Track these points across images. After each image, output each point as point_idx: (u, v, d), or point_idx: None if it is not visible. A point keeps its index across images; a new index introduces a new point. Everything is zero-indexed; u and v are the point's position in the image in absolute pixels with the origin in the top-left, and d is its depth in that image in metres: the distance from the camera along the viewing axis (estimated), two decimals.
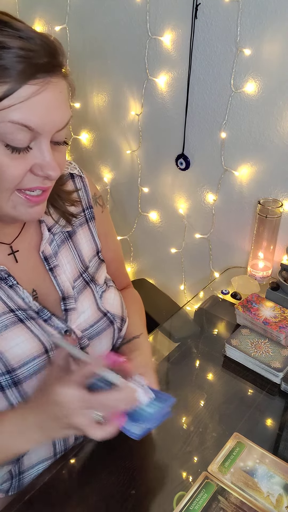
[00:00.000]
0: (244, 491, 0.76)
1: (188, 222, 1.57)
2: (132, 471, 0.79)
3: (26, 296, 0.75)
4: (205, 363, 1.06)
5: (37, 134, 0.61)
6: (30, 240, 0.80)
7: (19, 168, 0.62)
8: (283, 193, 1.28)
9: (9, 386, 0.70)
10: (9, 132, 0.59)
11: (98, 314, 0.84)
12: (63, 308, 0.80)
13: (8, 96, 0.57)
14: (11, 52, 0.57)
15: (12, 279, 0.74)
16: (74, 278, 0.84)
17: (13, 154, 0.61)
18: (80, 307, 0.82)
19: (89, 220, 0.90)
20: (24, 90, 0.58)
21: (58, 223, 0.83)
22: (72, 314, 0.80)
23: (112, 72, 1.54)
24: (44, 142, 0.62)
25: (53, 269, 0.81)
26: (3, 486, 0.78)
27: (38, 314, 0.76)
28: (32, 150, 0.62)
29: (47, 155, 0.63)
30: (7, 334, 0.71)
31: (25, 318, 0.73)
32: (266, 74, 1.18)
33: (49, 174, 0.64)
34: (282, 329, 1.05)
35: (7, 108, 0.58)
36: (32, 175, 0.64)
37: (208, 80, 1.29)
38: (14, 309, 0.73)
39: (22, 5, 1.70)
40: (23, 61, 0.57)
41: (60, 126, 0.63)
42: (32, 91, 0.58)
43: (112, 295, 0.89)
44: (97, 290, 0.86)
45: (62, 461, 0.80)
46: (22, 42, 0.58)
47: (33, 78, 0.58)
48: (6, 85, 0.57)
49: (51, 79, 0.60)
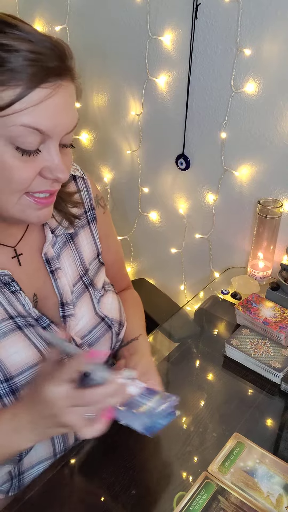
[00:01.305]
0: (244, 491, 0.76)
1: (188, 222, 1.57)
2: (132, 471, 0.79)
3: (26, 303, 0.74)
4: (205, 363, 1.06)
5: (46, 137, 0.61)
6: (33, 243, 0.80)
7: (29, 171, 0.62)
8: (283, 193, 1.28)
9: (7, 394, 0.70)
10: (20, 135, 0.59)
11: (96, 319, 0.84)
12: (61, 314, 0.80)
13: (20, 99, 0.57)
14: (21, 55, 0.57)
15: (16, 284, 0.74)
16: (74, 282, 0.84)
17: (23, 157, 0.61)
18: (79, 313, 0.82)
19: (91, 222, 0.90)
20: (36, 94, 0.58)
21: (61, 225, 0.83)
22: (71, 321, 0.80)
23: (112, 72, 1.54)
24: (53, 145, 0.63)
25: (54, 272, 0.80)
26: (3, 487, 0.78)
27: (37, 321, 0.76)
28: (42, 153, 0.62)
29: (56, 158, 0.63)
30: (5, 341, 0.71)
31: (23, 325, 0.73)
32: (266, 74, 1.18)
33: (58, 177, 0.64)
34: (282, 329, 1.05)
35: (19, 112, 0.58)
36: (41, 178, 0.64)
37: (208, 80, 1.29)
38: (13, 315, 0.73)
39: (22, 5, 1.69)
40: (34, 64, 0.57)
41: (69, 129, 0.64)
42: (44, 94, 0.58)
43: (110, 300, 0.89)
44: (95, 294, 0.86)
45: (62, 461, 0.80)
46: (31, 45, 0.57)
47: (45, 82, 0.58)
48: (18, 88, 0.57)
49: (62, 83, 0.60)
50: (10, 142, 0.59)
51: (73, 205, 0.84)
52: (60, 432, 0.66)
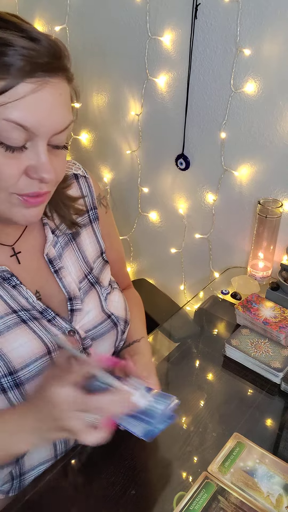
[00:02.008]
0: (244, 491, 0.76)
1: (188, 222, 1.57)
2: (132, 471, 0.79)
3: (29, 296, 0.74)
4: (205, 363, 1.06)
5: (33, 135, 0.60)
6: (33, 242, 0.80)
7: (13, 168, 0.61)
8: (283, 193, 1.28)
9: (11, 388, 0.70)
10: (4, 130, 0.58)
11: (103, 316, 0.84)
12: (69, 308, 0.80)
13: (4, 92, 0.57)
14: (15, 50, 0.57)
15: (15, 278, 0.74)
16: (80, 280, 0.84)
17: (7, 152, 0.60)
18: (86, 308, 0.82)
19: (93, 221, 0.90)
20: (21, 88, 0.57)
21: (59, 228, 0.83)
22: (78, 315, 0.80)
23: (112, 72, 1.54)
24: (41, 144, 0.61)
25: (58, 271, 0.80)
26: (3, 487, 0.78)
27: (42, 314, 0.75)
28: (27, 150, 0.61)
29: (42, 157, 0.62)
30: (10, 335, 0.71)
31: (28, 318, 0.73)
32: (266, 74, 1.18)
33: (42, 177, 0.63)
34: (282, 329, 1.05)
35: (3, 105, 0.57)
36: (27, 178, 0.63)
37: (208, 80, 1.29)
38: (17, 309, 0.73)
39: (22, 5, 1.69)
40: (23, 59, 0.57)
41: (58, 129, 0.62)
42: (28, 89, 0.58)
43: (116, 297, 0.89)
44: (102, 292, 0.86)
45: (63, 461, 0.80)
46: (27, 42, 0.58)
47: (30, 76, 0.58)
48: (3, 81, 0.57)
49: (50, 80, 0.60)
50: None
51: (75, 212, 0.83)
52: (60, 436, 0.66)
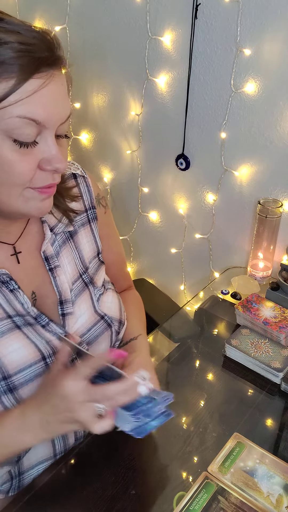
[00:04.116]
0: (244, 491, 0.76)
1: (188, 222, 1.57)
2: (132, 471, 0.79)
3: (25, 302, 0.75)
4: (205, 363, 1.06)
5: (43, 128, 0.62)
6: (31, 241, 0.80)
7: (28, 163, 0.63)
8: (283, 193, 1.28)
9: (5, 392, 0.70)
10: (17, 127, 0.59)
11: (95, 317, 0.84)
12: (60, 313, 0.80)
13: (15, 91, 0.58)
14: (10, 47, 0.57)
15: (14, 283, 0.74)
16: (74, 279, 0.84)
17: (22, 149, 0.61)
18: (78, 311, 0.82)
19: (92, 220, 0.90)
20: (30, 85, 0.58)
21: (61, 222, 0.83)
22: (70, 319, 0.80)
23: (112, 72, 1.54)
24: (50, 136, 0.63)
25: (53, 270, 0.80)
26: (3, 487, 0.78)
27: (36, 319, 0.76)
28: (39, 144, 0.63)
29: (53, 149, 0.64)
30: (4, 340, 0.71)
31: (22, 324, 0.73)
32: (266, 74, 1.18)
33: (57, 167, 0.65)
34: (282, 329, 1.05)
35: (14, 103, 0.58)
36: (41, 172, 0.65)
37: (208, 80, 1.29)
38: (12, 315, 0.73)
39: (22, 5, 1.70)
40: (24, 55, 0.58)
41: (64, 118, 0.64)
42: (38, 85, 0.59)
43: (110, 298, 0.89)
44: (95, 292, 0.86)
45: (62, 461, 0.80)
46: (20, 37, 0.58)
47: (38, 72, 0.59)
48: (11, 80, 0.57)
49: (54, 72, 0.61)
50: (7, 136, 0.60)
51: (71, 199, 0.84)
52: (70, 428, 0.67)
